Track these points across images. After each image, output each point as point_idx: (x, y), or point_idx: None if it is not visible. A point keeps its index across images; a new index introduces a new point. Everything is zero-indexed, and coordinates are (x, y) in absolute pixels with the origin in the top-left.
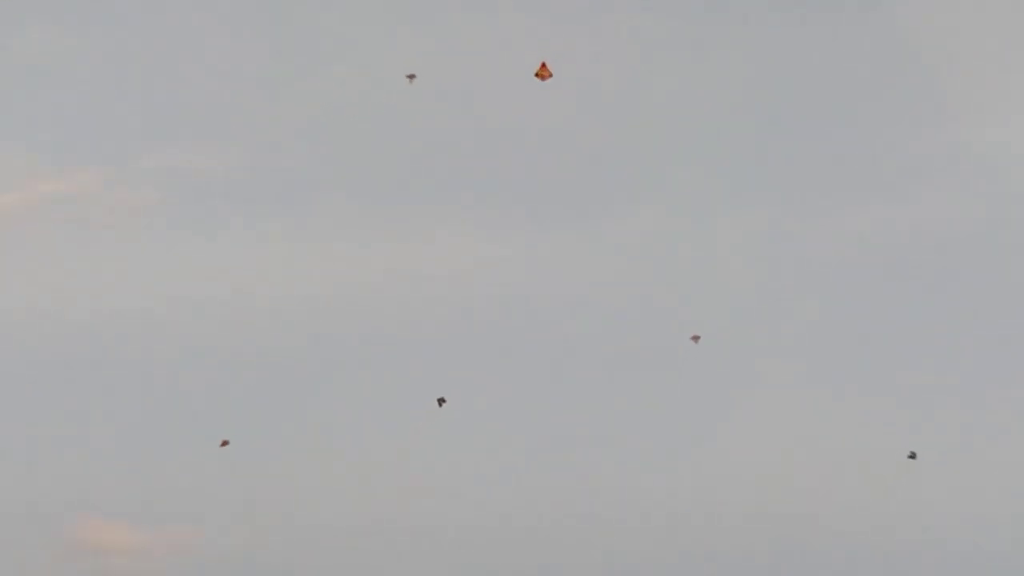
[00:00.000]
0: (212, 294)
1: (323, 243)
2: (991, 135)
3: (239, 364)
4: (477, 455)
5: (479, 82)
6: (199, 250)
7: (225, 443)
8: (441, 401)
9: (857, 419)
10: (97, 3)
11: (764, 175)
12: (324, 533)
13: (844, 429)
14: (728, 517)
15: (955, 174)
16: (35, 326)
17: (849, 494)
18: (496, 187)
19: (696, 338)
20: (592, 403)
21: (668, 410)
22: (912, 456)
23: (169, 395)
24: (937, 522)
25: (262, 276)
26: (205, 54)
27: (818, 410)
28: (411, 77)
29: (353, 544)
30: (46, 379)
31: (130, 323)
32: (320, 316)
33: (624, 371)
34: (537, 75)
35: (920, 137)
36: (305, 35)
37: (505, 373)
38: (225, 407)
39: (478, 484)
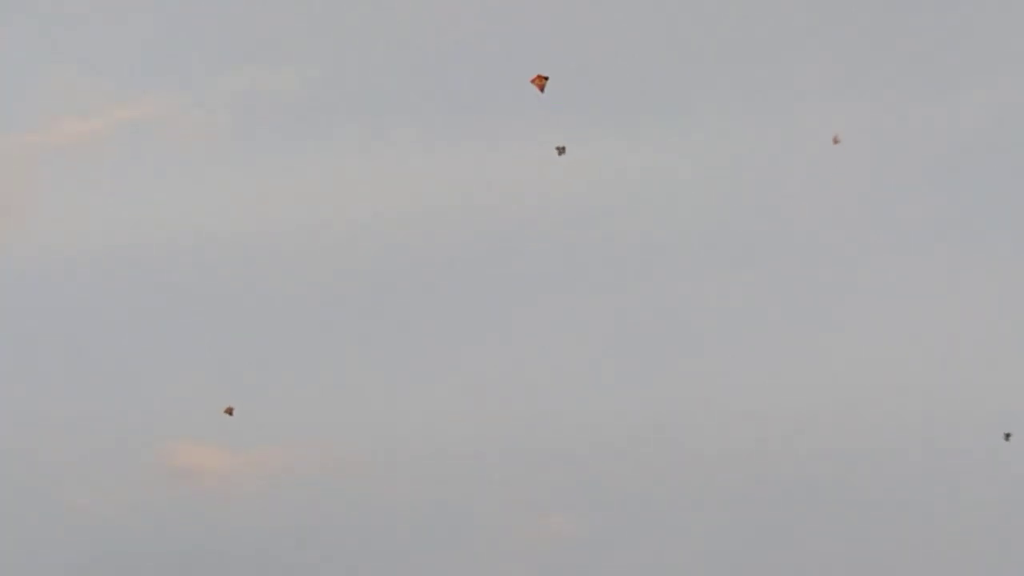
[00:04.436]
0: (292, 215)
1: (402, 159)
2: None
3: (322, 286)
4: (562, 364)
5: None
6: (277, 171)
7: (230, 410)
8: (561, 150)
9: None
10: None
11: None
12: (413, 454)
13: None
14: (832, 423)
15: None
16: (120, 251)
17: (965, 404)
18: (580, 92)
19: (836, 140)
20: (687, 309)
21: (766, 313)
22: (1007, 437)
23: (254, 318)
24: None
25: (342, 195)
26: None
27: (927, 310)
28: (560, 150)
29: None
30: (129, 307)
31: (211, 247)
32: (404, 232)
33: (720, 275)
34: (534, 82)
35: None
36: None
37: (595, 279)
38: (308, 330)
39: (569, 393)
